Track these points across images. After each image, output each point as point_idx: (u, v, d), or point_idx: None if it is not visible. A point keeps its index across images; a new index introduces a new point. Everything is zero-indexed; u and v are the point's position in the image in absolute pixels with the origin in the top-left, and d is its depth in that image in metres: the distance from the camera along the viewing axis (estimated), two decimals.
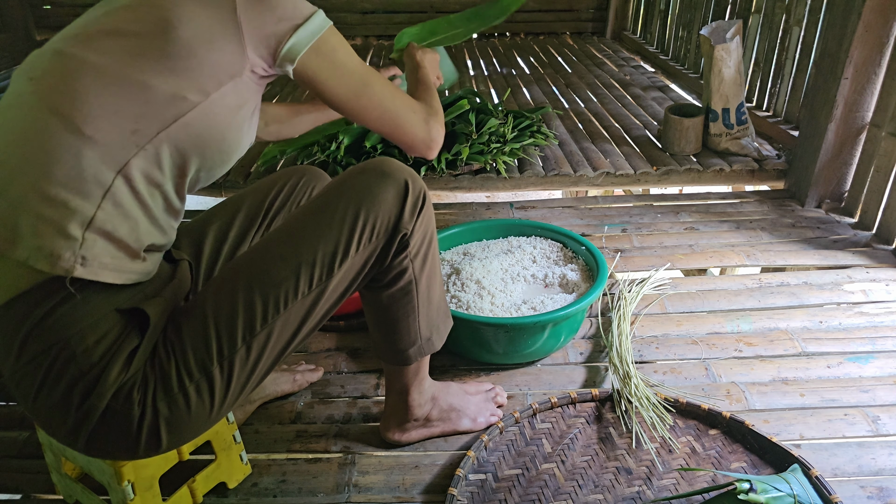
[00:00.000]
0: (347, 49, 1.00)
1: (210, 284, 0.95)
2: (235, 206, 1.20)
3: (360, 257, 0.97)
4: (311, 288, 0.93)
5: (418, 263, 1.05)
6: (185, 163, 0.88)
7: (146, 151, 0.84)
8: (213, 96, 0.87)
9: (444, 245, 1.70)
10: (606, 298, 1.68)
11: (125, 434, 0.86)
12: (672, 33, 3.56)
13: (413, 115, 1.07)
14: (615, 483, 1.16)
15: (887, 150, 1.91)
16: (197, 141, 0.88)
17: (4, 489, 1.18)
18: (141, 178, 0.84)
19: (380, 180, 0.98)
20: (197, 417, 0.90)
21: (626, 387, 1.32)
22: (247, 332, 0.90)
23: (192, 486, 1.09)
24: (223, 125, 0.90)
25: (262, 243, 0.97)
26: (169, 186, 0.89)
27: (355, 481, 1.18)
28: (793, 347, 1.50)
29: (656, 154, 2.35)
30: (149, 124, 0.84)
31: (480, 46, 4.18)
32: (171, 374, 0.87)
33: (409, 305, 1.08)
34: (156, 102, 0.84)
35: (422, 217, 1.02)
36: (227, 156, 0.95)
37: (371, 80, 1.02)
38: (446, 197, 3.16)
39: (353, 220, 0.95)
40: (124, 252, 0.85)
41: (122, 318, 0.86)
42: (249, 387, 0.94)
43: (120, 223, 0.84)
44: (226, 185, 2.20)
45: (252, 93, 0.93)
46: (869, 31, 1.90)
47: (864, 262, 1.82)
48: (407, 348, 1.11)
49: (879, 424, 1.28)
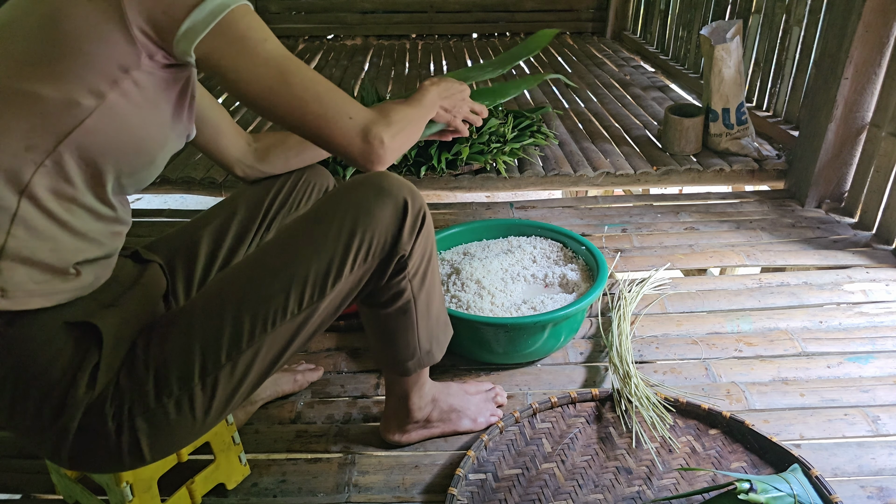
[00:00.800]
0: (263, 33, 0.84)
1: (198, 297, 0.91)
2: (232, 208, 1.18)
3: (354, 277, 0.93)
4: (302, 308, 0.89)
5: (417, 282, 1.02)
6: (99, 172, 0.81)
7: (46, 167, 0.77)
8: (110, 97, 0.78)
9: (444, 245, 1.70)
10: (606, 298, 1.67)
11: (105, 450, 0.84)
12: (672, 33, 3.56)
13: (346, 119, 0.89)
14: (615, 483, 1.16)
15: (887, 150, 1.91)
16: (105, 148, 0.80)
17: (4, 489, 1.18)
18: (49, 195, 0.78)
19: (378, 198, 0.93)
20: (180, 431, 0.87)
21: (626, 387, 1.32)
22: (232, 349, 0.86)
23: (191, 487, 1.09)
24: (134, 126, 0.81)
25: (253, 257, 0.93)
26: (87, 198, 0.81)
27: (355, 481, 1.18)
28: (793, 347, 1.50)
29: (656, 154, 2.35)
30: (44, 138, 0.76)
31: (480, 46, 4.18)
32: (148, 390, 0.84)
33: (407, 322, 1.06)
34: (48, 113, 0.76)
35: (421, 236, 0.98)
36: (150, 156, 0.86)
37: (293, 69, 0.85)
38: (446, 197, 3.16)
39: (348, 238, 0.90)
40: (50, 273, 0.80)
41: (75, 332, 0.82)
42: (237, 400, 0.91)
43: (37, 246, 0.78)
44: (225, 185, 2.20)
45: (163, 85, 0.83)
46: (869, 31, 1.89)
47: (864, 262, 1.82)
48: (406, 360, 1.10)
49: (879, 424, 1.27)
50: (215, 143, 1.14)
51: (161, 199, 3.84)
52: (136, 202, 3.44)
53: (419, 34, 4.43)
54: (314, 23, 4.36)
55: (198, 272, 1.11)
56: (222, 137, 1.14)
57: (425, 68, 3.69)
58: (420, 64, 3.77)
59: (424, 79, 3.42)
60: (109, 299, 0.87)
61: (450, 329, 1.17)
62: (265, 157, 1.20)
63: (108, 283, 0.89)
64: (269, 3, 4.26)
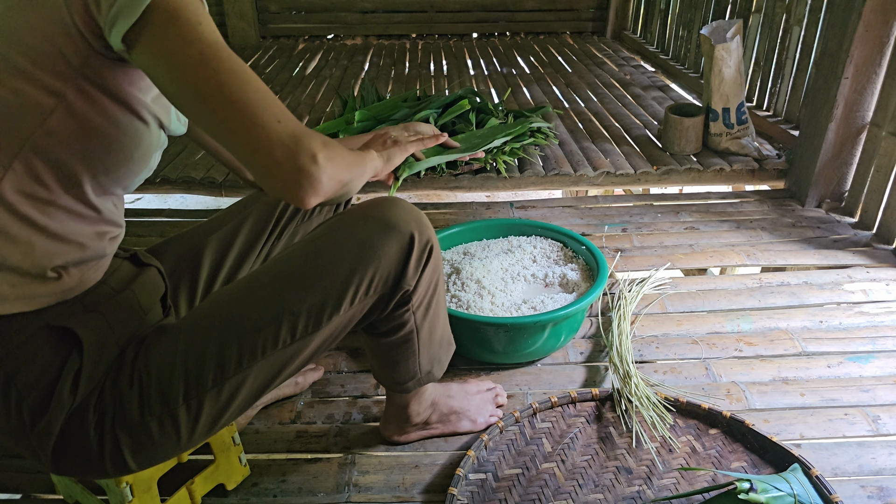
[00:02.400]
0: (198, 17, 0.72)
1: (189, 316, 0.89)
2: (242, 214, 1.15)
3: (353, 311, 0.90)
4: (294, 339, 0.86)
5: (420, 314, 0.99)
6: (71, 172, 0.77)
7: (15, 171, 0.74)
8: (68, 95, 0.74)
9: (444, 245, 1.70)
10: (606, 298, 1.67)
11: (88, 456, 0.83)
12: (672, 33, 3.56)
13: (273, 122, 0.72)
14: (615, 482, 1.16)
15: (887, 149, 1.91)
16: (71, 148, 0.76)
17: (4, 489, 1.18)
18: (21, 199, 0.75)
19: (383, 233, 0.89)
20: (164, 447, 0.85)
21: (627, 386, 1.32)
22: (218, 375, 0.84)
23: (191, 487, 1.09)
24: (99, 123, 0.77)
25: (248, 282, 0.90)
26: (65, 200, 0.78)
27: (355, 481, 1.18)
28: (793, 347, 1.50)
29: (656, 154, 2.35)
30: (7, 141, 0.73)
31: (480, 46, 4.18)
32: (131, 405, 0.82)
33: (409, 350, 1.04)
34: (9, 115, 0.73)
35: (427, 270, 0.94)
36: (125, 155, 0.81)
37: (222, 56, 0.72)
38: (446, 197, 3.16)
39: (348, 273, 0.87)
40: (25, 278, 0.78)
41: (56, 335, 0.80)
42: (224, 422, 0.89)
43: (9, 250, 0.76)
44: (225, 185, 2.19)
45: (128, 79, 0.77)
46: (869, 31, 1.89)
47: (864, 262, 1.82)
48: (406, 381, 1.09)
49: (880, 424, 1.27)
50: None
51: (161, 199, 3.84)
52: (136, 202, 3.44)
53: (419, 34, 4.43)
54: (314, 23, 4.35)
55: (202, 280, 1.09)
56: None
57: (425, 68, 3.69)
58: (420, 64, 3.77)
59: (424, 79, 3.43)
60: (95, 303, 0.84)
61: (452, 346, 1.15)
62: None
63: (98, 285, 0.86)
64: (269, 3, 4.26)
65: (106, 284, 0.87)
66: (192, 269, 1.09)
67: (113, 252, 0.89)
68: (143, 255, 0.98)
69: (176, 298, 1.07)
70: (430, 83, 3.37)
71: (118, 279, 0.89)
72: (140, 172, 0.86)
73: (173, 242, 1.11)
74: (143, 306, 0.91)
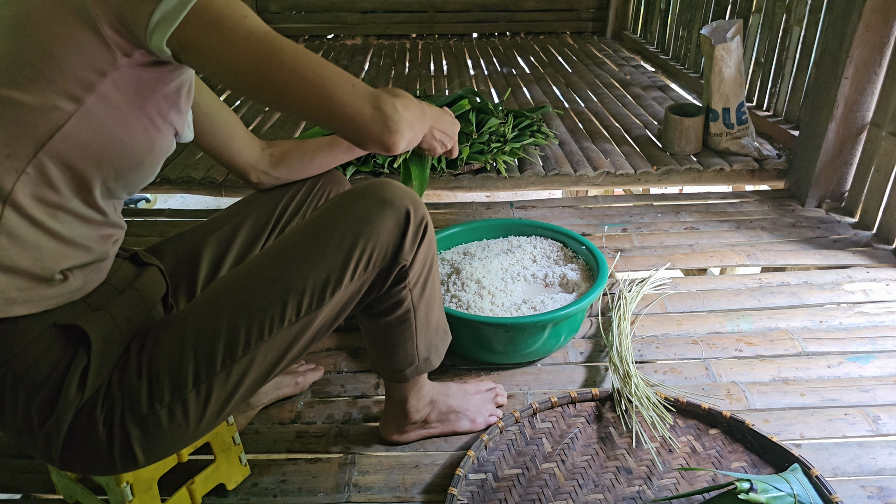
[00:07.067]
0: (242, 10, 0.76)
1: (193, 303, 0.90)
2: (242, 215, 1.15)
3: (353, 286, 0.92)
4: (300, 316, 0.88)
5: (417, 292, 1.02)
6: (84, 177, 0.79)
7: (28, 175, 0.75)
8: (88, 101, 0.75)
9: (444, 245, 1.70)
10: (606, 298, 1.67)
11: (96, 452, 0.83)
12: (672, 33, 3.56)
13: (349, 86, 0.80)
14: (615, 483, 1.16)
15: (887, 149, 1.91)
16: (85, 153, 0.77)
17: (4, 489, 1.18)
18: (33, 203, 0.76)
19: (380, 208, 0.92)
20: (173, 437, 0.86)
21: (627, 386, 1.32)
22: (227, 357, 0.85)
23: (191, 487, 1.09)
24: (115, 130, 0.78)
25: (251, 265, 0.92)
26: (74, 204, 0.80)
27: (355, 481, 1.18)
28: (793, 347, 1.50)
29: (656, 154, 2.35)
30: (23, 145, 0.74)
31: (480, 46, 4.18)
32: (140, 396, 0.83)
33: (406, 331, 1.05)
34: (25, 120, 0.73)
35: (423, 246, 0.97)
36: (136, 161, 0.82)
37: (279, 43, 0.78)
38: (446, 197, 3.16)
39: (349, 248, 0.90)
40: (34, 281, 0.79)
41: (62, 334, 0.81)
42: (232, 407, 0.90)
43: (19, 254, 0.77)
44: (225, 185, 2.19)
45: (147, 86, 0.80)
46: (869, 31, 1.89)
47: (864, 262, 1.82)
48: (404, 369, 1.10)
49: (880, 424, 1.27)
50: (227, 147, 1.12)
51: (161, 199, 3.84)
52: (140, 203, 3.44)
53: (419, 34, 4.43)
54: (314, 22, 4.36)
55: (201, 280, 1.10)
56: (234, 142, 1.12)
57: (425, 68, 3.69)
58: (420, 64, 3.77)
59: (424, 79, 3.43)
60: (100, 303, 0.86)
61: (448, 336, 1.16)
62: (280, 163, 1.18)
63: (101, 286, 0.87)
64: (269, 3, 4.26)
65: (109, 284, 0.88)
66: (191, 268, 1.10)
67: (115, 253, 0.91)
68: (143, 255, 0.99)
69: (175, 298, 1.08)
70: (430, 83, 3.37)
71: (120, 279, 0.91)
72: (147, 178, 0.87)
73: (173, 242, 1.12)
74: (147, 304, 0.93)
